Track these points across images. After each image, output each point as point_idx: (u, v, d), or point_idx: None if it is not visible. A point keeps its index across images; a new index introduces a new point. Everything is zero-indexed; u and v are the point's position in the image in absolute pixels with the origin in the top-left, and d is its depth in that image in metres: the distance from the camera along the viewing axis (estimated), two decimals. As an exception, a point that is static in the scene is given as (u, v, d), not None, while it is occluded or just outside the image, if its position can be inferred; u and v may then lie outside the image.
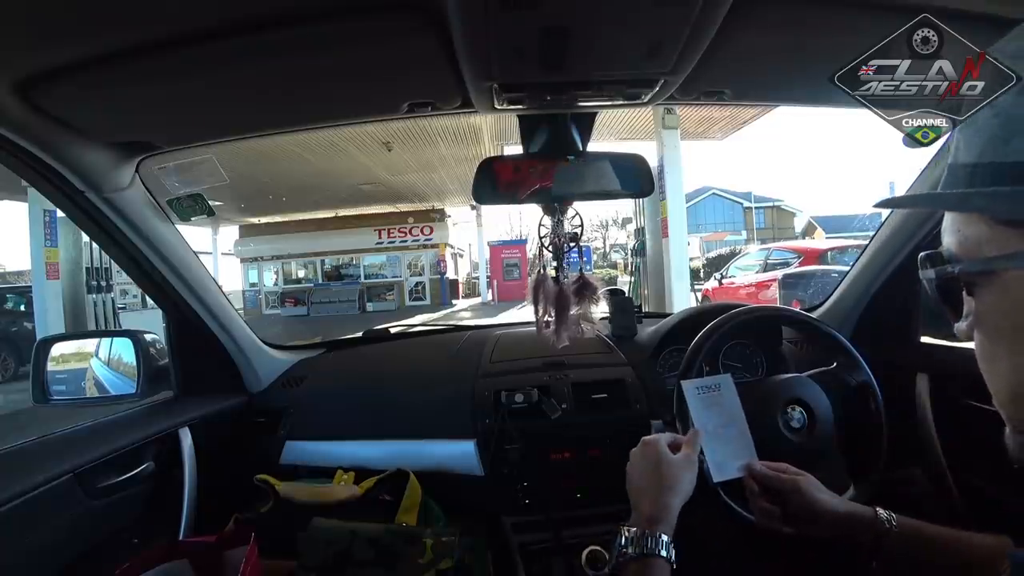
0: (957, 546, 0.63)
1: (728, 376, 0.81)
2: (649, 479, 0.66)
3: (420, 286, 15.35)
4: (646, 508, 0.63)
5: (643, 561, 0.59)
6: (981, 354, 0.42)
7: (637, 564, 0.59)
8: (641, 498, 0.65)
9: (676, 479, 0.65)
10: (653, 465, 0.67)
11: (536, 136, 0.86)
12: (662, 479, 0.65)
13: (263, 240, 15.58)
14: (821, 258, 7.21)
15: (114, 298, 7.83)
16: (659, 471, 0.66)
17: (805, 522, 0.71)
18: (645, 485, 0.66)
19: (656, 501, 0.63)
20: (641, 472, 0.67)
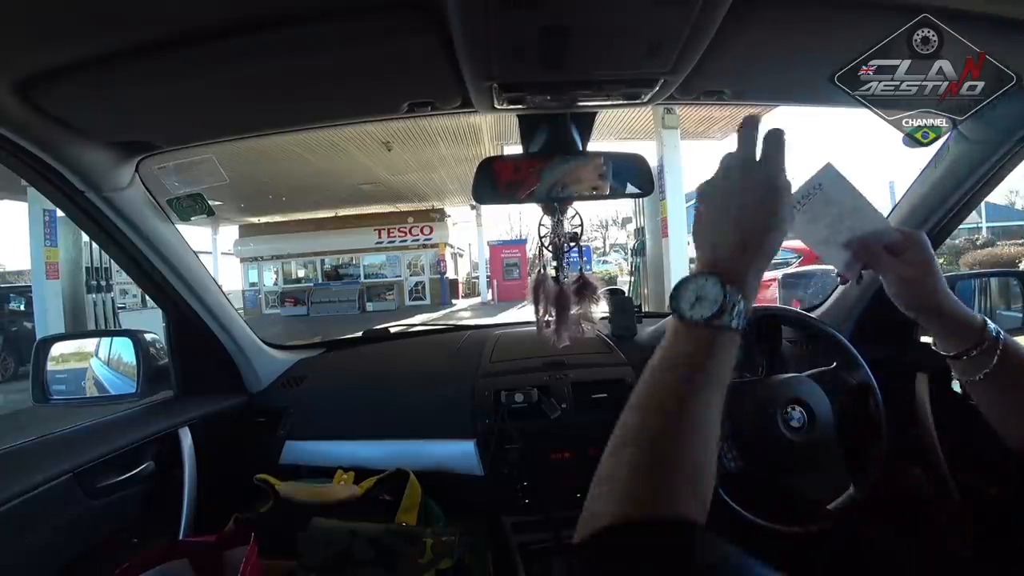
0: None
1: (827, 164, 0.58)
2: (734, 214, 0.44)
3: (420, 286, 15.35)
4: (728, 258, 0.43)
5: (712, 332, 0.41)
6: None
7: (704, 335, 0.41)
8: (718, 241, 0.44)
9: (774, 210, 0.44)
10: (736, 194, 0.44)
11: (536, 136, 0.86)
12: (755, 212, 0.44)
13: (263, 240, 15.58)
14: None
15: (114, 298, 7.83)
16: (750, 201, 0.44)
17: (921, 294, 0.58)
18: (726, 222, 0.44)
19: (743, 247, 0.43)
20: (722, 203, 0.45)
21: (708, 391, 0.40)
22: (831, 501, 0.93)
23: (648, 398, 0.41)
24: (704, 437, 0.38)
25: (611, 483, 0.37)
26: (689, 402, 0.39)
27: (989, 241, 13.37)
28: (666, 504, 0.35)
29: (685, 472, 0.36)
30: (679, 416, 0.38)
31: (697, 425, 0.38)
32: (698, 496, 0.36)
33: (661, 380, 0.41)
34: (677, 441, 0.37)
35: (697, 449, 0.38)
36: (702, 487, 0.37)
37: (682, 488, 0.36)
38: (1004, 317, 1.20)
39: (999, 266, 8.30)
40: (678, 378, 0.40)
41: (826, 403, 0.94)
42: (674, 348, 0.42)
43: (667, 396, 0.40)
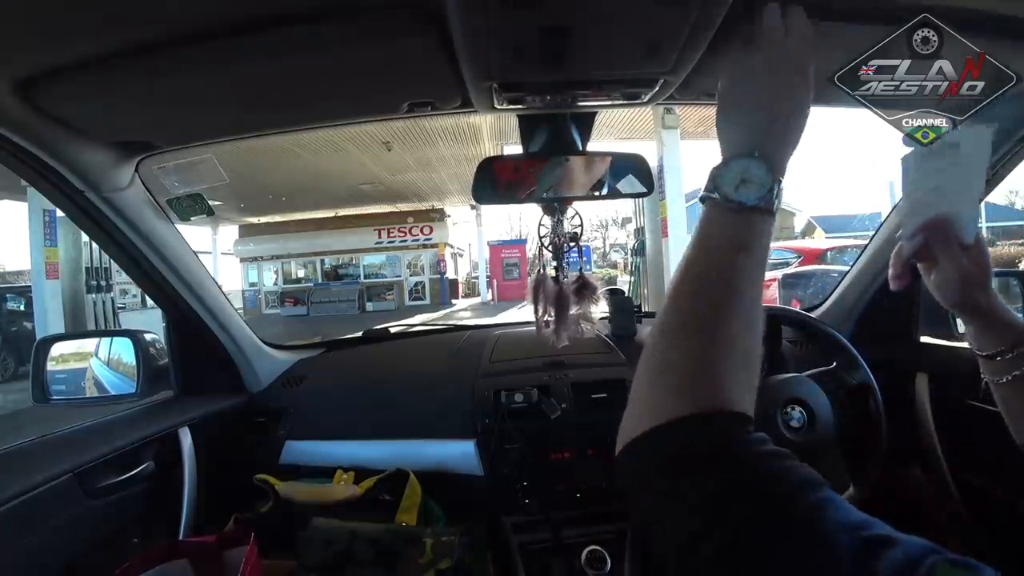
0: None
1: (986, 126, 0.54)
2: (771, 94, 0.43)
3: (420, 286, 15.35)
4: (767, 140, 0.42)
5: (756, 215, 0.40)
6: None
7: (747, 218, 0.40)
8: (755, 122, 0.43)
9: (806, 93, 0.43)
10: (772, 73, 0.43)
11: (536, 136, 0.86)
12: (790, 94, 0.43)
13: (263, 240, 15.58)
14: (821, 258, 7.21)
15: (114, 298, 7.84)
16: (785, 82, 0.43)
17: (975, 291, 0.56)
18: (763, 103, 0.42)
19: (781, 128, 0.42)
20: (758, 83, 0.43)
21: (756, 275, 0.39)
22: (831, 501, 0.93)
23: (700, 283, 0.39)
24: (754, 321, 0.38)
25: (666, 376, 0.36)
26: (741, 286, 0.38)
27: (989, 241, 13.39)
28: (725, 397, 0.34)
29: (739, 359, 0.36)
30: (730, 300, 0.37)
31: (747, 309, 0.37)
32: (749, 384, 0.36)
33: (712, 263, 0.39)
34: (730, 327, 0.36)
35: (749, 334, 0.37)
36: (754, 375, 0.37)
37: (739, 377, 0.35)
38: (1004, 317, 1.20)
39: (999, 266, 8.24)
40: (727, 262, 0.39)
41: (826, 403, 0.94)
42: (715, 232, 0.40)
43: (720, 280, 0.38)
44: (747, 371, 0.36)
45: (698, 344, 0.36)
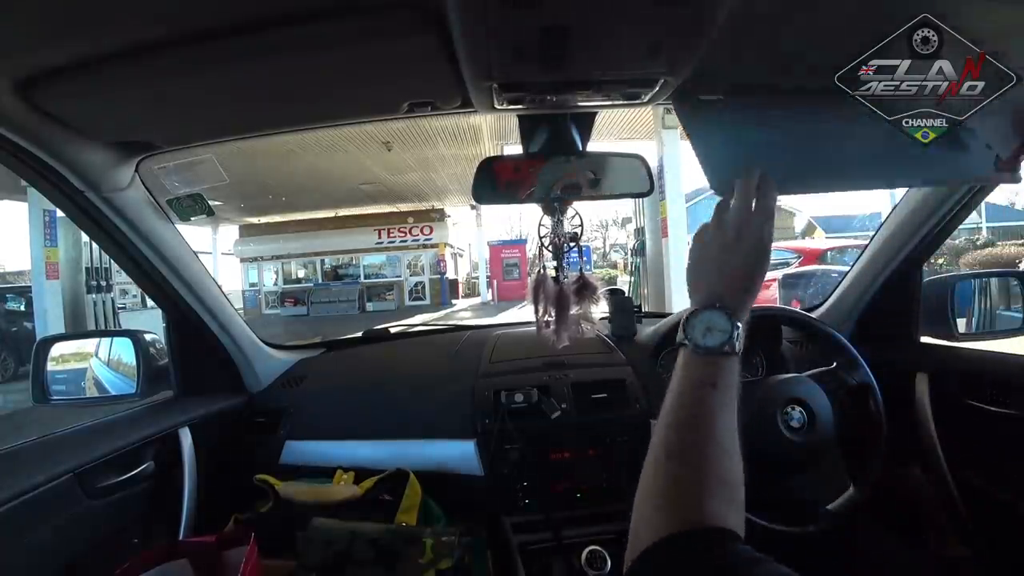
0: None
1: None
2: (730, 260, 0.51)
3: (420, 286, 15.35)
4: (728, 295, 0.50)
5: (721, 357, 0.47)
6: None
7: (714, 360, 0.47)
8: (717, 282, 0.51)
9: (762, 260, 0.51)
10: (732, 243, 0.51)
11: (536, 136, 0.86)
12: (747, 260, 0.50)
13: (263, 240, 15.57)
14: (821, 258, 7.21)
15: (114, 298, 7.83)
16: (743, 251, 0.50)
17: None
18: (724, 267, 0.51)
19: (739, 287, 0.50)
20: (719, 251, 0.52)
21: (726, 407, 0.45)
22: (831, 501, 0.93)
23: (680, 416, 0.45)
24: (728, 446, 0.43)
25: (656, 498, 0.41)
26: (716, 417, 0.44)
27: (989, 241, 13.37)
28: (706, 515, 0.38)
29: (723, 482, 0.40)
30: (711, 431, 0.43)
31: (726, 438, 0.43)
32: (733, 502, 0.40)
33: (685, 401, 0.46)
34: (712, 454, 0.42)
35: (725, 457, 0.42)
36: (736, 493, 0.41)
37: (720, 495, 0.39)
38: (1004, 317, 1.20)
39: (999, 266, 8.29)
40: (699, 398, 0.45)
41: (826, 403, 0.94)
42: (691, 373, 0.48)
43: (697, 413, 0.44)
44: (727, 490, 0.40)
45: (678, 469, 0.41)
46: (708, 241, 0.53)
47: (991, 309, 1.24)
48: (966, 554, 0.98)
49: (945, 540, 1.02)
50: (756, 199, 0.52)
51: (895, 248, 1.11)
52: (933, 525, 1.03)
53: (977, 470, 0.97)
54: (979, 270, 6.46)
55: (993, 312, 1.23)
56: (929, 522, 1.03)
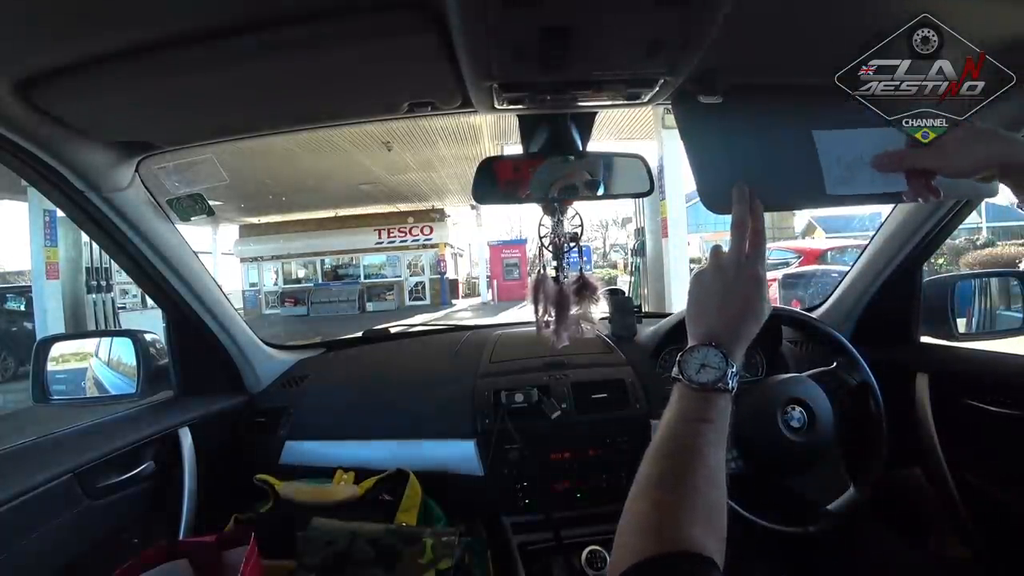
0: None
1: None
2: (727, 302, 0.53)
3: (420, 286, 15.34)
4: (724, 335, 0.52)
5: (714, 394, 0.49)
6: None
7: (707, 396, 0.49)
8: (715, 322, 0.53)
9: (758, 303, 0.53)
10: (730, 285, 0.54)
11: (536, 136, 0.86)
12: (744, 303, 0.53)
13: (263, 240, 15.56)
14: (821, 258, 7.22)
15: (114, 298, 7.83)
16: (740, 293, 0.53)
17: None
18: (722, 308, 0.53)
19: (735, 328, 0.52)
20: (717, 292, 0.54)
21: (716, 441, 0.46)
22: (831, 501, 0.93)
23: (671, 447, 0.47)
24: (715, 479, 0.44)
25: (639, 522, 0.42)
26: (703, 450, 0.45)
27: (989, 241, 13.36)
28: (685, 540, 0.39)
29: (703, 511, 0.41)
30: (701, 463, 0.44)
31: (709, 468, 0.44)
32: (715, 532, 0.41)
33: (677, 432, 0.47)
34: (700, 485, 0.43)
35: (712, 489, 0.43)
36: (719, 525, 0.42)
37: (703, 524, 0.40)
38: (1004, 317, 1.20)
39: (999, 266, 8.28)
40: (692, 431, 0.47)
41: (826, 403, 0.94)
42: (685, 407, 0.49)
43: (688, 445, 0.46)
44: (711, 520, 0.41)
45: (664, 496, 0.43)
46: (707, 283, 0.55)
47: (991, 309, 1.24)
48: (966, 554, 0.98)
49: (945, 540, 1.02)
50: (749, 239, 0.55)
51: (895, 248, 1.11)
52: (933, 525, 1.03)
53: (977, 470, 0.96)
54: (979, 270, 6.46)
55: (993, 312, 1.23)
56: (929, 522, 1.03)
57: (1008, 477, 0.90)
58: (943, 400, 1.02)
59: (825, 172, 0.58)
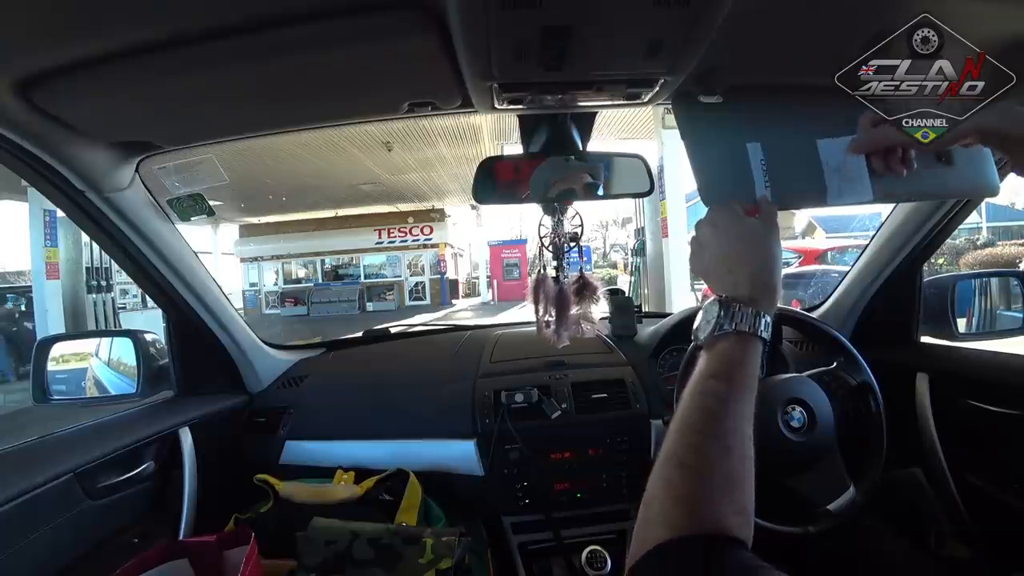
0: None
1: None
2: (741, 251, 0.50)
3: (420, 286, 15.34)
4: (745, 286, 0.49)
5: (742, 339, 0.46)
6: None
7: (734, 341, 0.46)
8: (734, 274, 0.50)
9: (773, 247, 0.51)
10: (740, 233, 0.51)
11: (536, 136, 0.86)
12: (759, 248, 0.50)
13: (263, 240, 15.57)
14: (821, 258, 7.22)
15: (114, 298, 7.83)
16: (751, 239, 0.51)
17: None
18: (736, 258, 0.50)
19: (757, 276, 0.49)
20: (727, 243, 0.51)
21: (735, 400, 0.43)
22: (831, 501, 0.93)
23: (680, 417, 0.44)
24: (732, 446, 0.41)
25: (650, 506, 0.40)
26: (721, 414, 0.42)
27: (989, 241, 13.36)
28: (703, 521, 0.37)
29: (726, 485, 0.39)
30: (715, 430, 0.42)
31: (730, 435, 0.41)
32: (735, 507, 0.39)
33: (691, 402, 0.44)
34: (715, 455, 0.40)
35: (728, 458, 0.40)
36: (739, 498, 0.39)
37: (721, 499, 0.38)
38: (1004, 317, 1.20)
39: (999, 266, 8.28)
40: (707, 390, 0.44)
41: (826, 403, 0.94)
42: (699, 368, 0.46)
43: (697, 413, 0.43)
44: (731, 492, 0.39)
45: (681, 473, 0.40)
46: (717, 236, 0.53)
47: (991, 309, 1.24)
48: (966, 554, 0.98)
49: (945, 540, 1.01)
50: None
51: (895, 248, 1.11)
52: (933, 525, 1.03)
53: (977, 470, 0.96)
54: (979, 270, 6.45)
55: (993, 312, 1.23)
56: (929, 522, 1.03)
57: (1008, 477, 0.90)
58: (943, 400, 1.02)
59: (825, 172, 0.58)
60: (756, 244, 0.51)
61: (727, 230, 0.52)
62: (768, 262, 0.50)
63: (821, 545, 0.94)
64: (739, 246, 0.51)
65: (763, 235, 0.51)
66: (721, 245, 0.52)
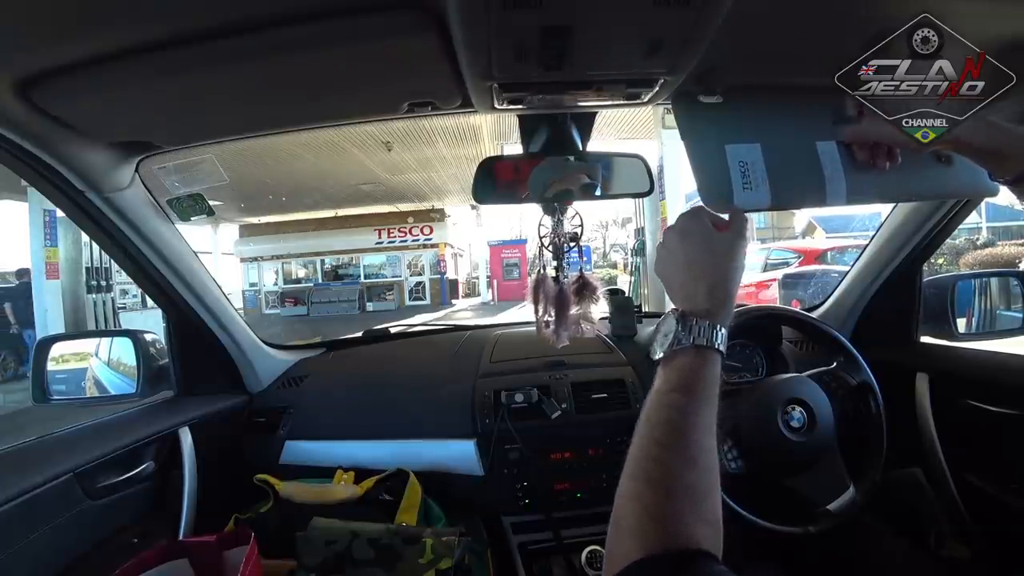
0: None
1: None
2: (704, 262, 0.51)
3: (420, 286, 15.35)
4: (702, 299, 0.49)
5: (700, 352, 0.46)
6: None
7: (692, 355, 0.46)
8: (694, 285, 0.51)
9: (736, 260, 0.51)
10: (707, 244, 0.52)
11: (536, 136, 0.86)
12: (722, 260, 0.51)
13: (263, 240, 15.57)
14: (821, 258, 7.21)
15: (114, 298, 7.83)
16: (716, 251, 0.51)
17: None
18: (699, 269, 0.51)
19: (715, 289, 0.50)
20: (692, 253, 0.52)
21: (697, 415, 0.43)
22: (831, 501, 0.93)
23: (644, 432, 0.44)
24: (694, 458, 0.41)
25: (619, 523, 0.40)
26: (682, 426, 0.43)
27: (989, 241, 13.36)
28: (673, 536, 0.37)
29: (691, 498, 0.39)
30: (676, 442, 0.42)
31: (692, 447, 0.41)
32: (703, 518, 0.38)
33: (654, 416, 0.45)
34: (678, 469, 0.40)
35: (691, 471, 0.40)
36: (706, 509, 0.39)
37: (686, 515, 0.38)
38: (1004, 317, 1.20)
39: (999, 266, 8.28)
40: (667, 404, 0.44)
41: (826, 403, 0.94)
42: (658, 383, 0.47)
43: (660, 427, 0.43)
44: (698, 505, 0.39)
45: (645, 489, 0.40)
46: (679, 243, 0.54)
47: (991, 309, 1.24)
48: (966, 554, 0.98)
49: (945, 540, 1.01)
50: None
51: (895, 248, 1.11)
52: (933, 525, 1.03)
53: (977, 470, 0.96)
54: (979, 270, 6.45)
55: (993, 312, 1.23)
56: (929, 522, 1.03)
57: (1008, 477, 0.90)
58: (943, 400, 1.02)
59: (825, 171, 0.58)
60: (720, 256, 0.51)
61: (693, 240, 0.52)
62: (728, 274, 0.51)
63: (821, 545, 0.94)
64: (704, 256, 0.51)
65: (728, 248, 0.52)
66: (687, 253, 0.52)
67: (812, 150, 0.58)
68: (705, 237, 0.52)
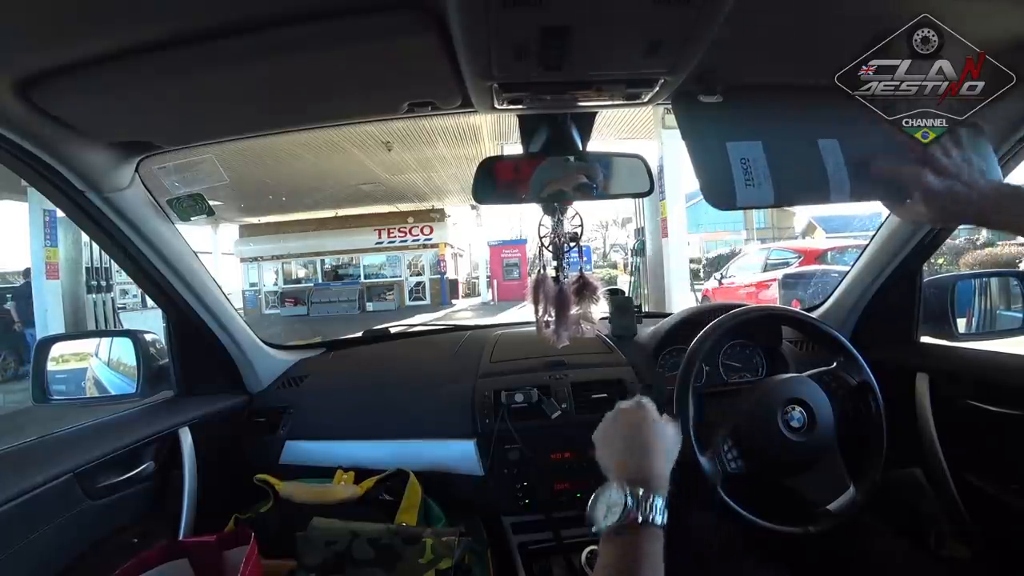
0: None
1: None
2: (634, 444, 0.59)
3: (420, 286, 15.34)
4: (634, 473, 0.54)
5: (647, 528, 0.48)
6: None
7: (636, 533, 0.48)
8: (625, 463, 0.57)
9: (667, 442, 0.59)
10: (637, 429, 0.60)
11: (536, 136, 0.86)
12: (651, 442, 0.58)
13: (263, 240, 15.56)
14: (821, 258, 7.21)
15: (114, 298, 7.82)
16: (646, 434, 0.59)
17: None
18: (629, 450, 0.58)
19: (645, 466, 0.55)
20: (623, 437, 0.61)
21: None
22: (831, 501, 0.93)
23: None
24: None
25: None
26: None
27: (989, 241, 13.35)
28: None
29: None
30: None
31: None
32: None
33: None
34: None
35: None
36: None
37: None
38: (1004, 317, 1.20)
39: (999, 266, 8.27)
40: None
41: (826, 403, 0.94)
42: (607, 563, 0.47)
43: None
44: None
45: None
46: (613, 430, 0.64)
47: (991, 309, 1.24)
48: (966, 554, 0.98)
49: (945, 540, 1.01)
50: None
51: (895, 248, 1.10)
52: (933, 525, 1.03)
53: (977, 470, 0.96)
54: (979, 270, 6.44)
55: (993, 312, 1.23)
56: (929, 522, 1.03)
57: (1008, 477, 0.90)
58: (943, 400, 1.02)
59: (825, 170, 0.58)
60: (664, 437, 0.60)
61: (630, 426, 0.62)
62: (671, 454, 0.59)
63: (821, 545, 0.93)
64: (641, 439, 0.59)
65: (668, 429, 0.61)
66: (624, 438, 0.61)
67: (814, 147, 0.58)
68: (640, 424, 0.62)
